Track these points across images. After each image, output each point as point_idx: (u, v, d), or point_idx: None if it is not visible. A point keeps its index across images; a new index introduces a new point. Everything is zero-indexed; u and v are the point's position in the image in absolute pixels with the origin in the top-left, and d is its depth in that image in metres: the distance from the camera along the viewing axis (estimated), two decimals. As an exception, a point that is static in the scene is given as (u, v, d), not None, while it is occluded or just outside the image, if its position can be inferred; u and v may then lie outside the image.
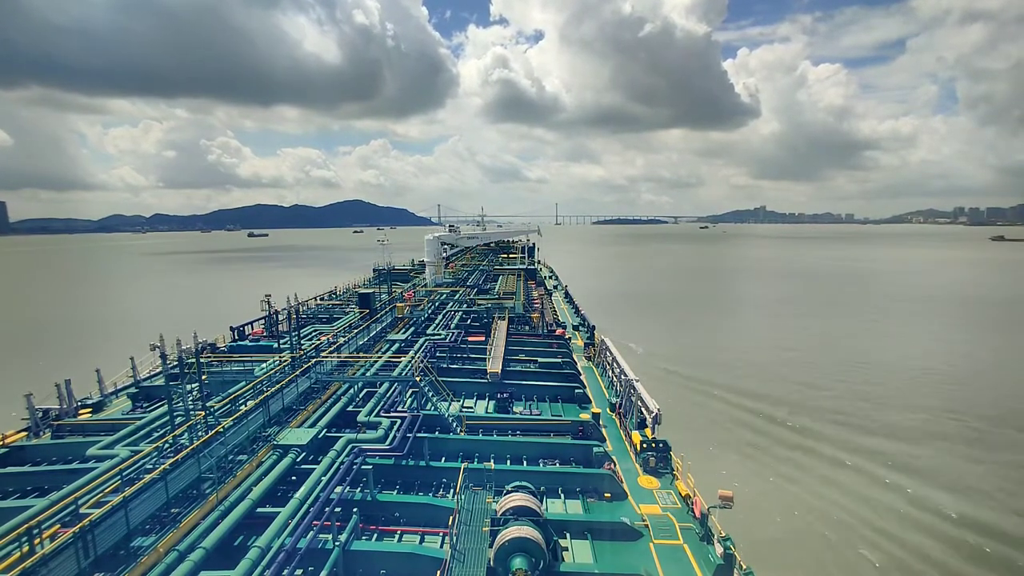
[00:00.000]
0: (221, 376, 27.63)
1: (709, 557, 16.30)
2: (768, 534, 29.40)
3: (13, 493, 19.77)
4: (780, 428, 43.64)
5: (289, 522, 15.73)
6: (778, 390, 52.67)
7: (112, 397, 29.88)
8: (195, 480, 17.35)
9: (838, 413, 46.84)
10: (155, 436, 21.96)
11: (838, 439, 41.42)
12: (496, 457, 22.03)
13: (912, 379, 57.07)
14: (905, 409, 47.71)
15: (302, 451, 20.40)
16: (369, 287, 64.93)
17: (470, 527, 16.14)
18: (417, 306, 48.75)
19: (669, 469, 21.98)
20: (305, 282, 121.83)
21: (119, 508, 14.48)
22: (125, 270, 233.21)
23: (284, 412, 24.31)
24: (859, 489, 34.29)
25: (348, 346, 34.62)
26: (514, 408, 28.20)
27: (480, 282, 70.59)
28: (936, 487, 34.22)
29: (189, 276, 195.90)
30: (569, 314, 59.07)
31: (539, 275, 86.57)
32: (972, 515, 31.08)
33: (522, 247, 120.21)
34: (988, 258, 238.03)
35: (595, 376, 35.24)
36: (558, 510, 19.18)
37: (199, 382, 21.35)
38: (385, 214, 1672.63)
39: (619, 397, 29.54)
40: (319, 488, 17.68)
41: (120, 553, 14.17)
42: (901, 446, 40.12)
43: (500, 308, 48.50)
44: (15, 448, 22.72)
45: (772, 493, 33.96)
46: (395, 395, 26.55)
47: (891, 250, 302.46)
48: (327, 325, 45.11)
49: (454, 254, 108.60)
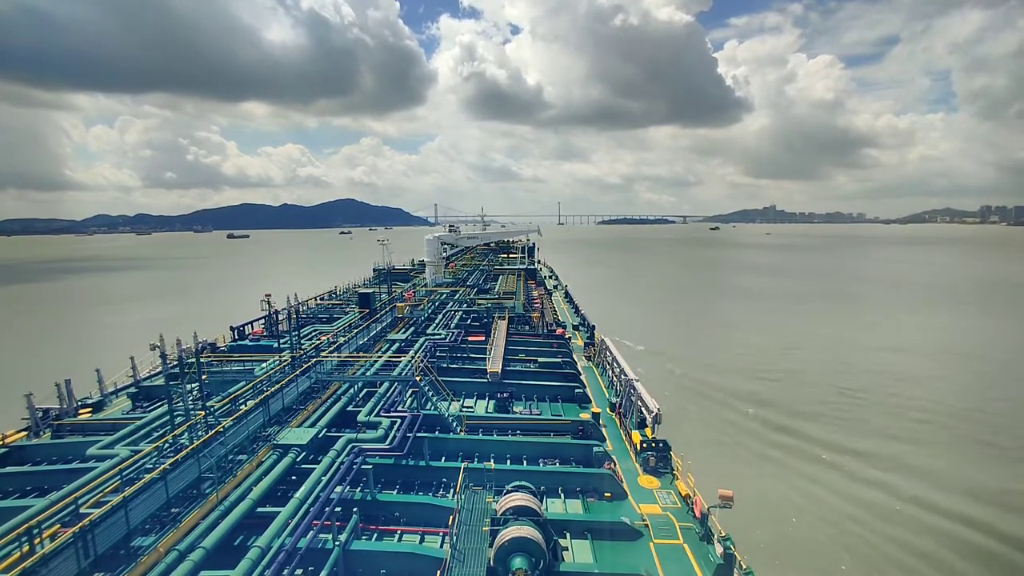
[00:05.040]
0: (221, 376, 27.63)
1: (709, 557, 16.30)
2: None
3: (13, 493, 19.77)
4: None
5: (289, 522, 15.72)
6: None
7: (112, 397, 29.90)
8: (195, 480, 17.35)
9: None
10: (155, 436, 21.95)
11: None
12: (496, 457, 22.03)
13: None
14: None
15: (302, 451, 20.39)
16: (369, 287, 64.98)
17: (470, 527, 16.12)
18: (417, 306, 48.75)
19: (669, 469, 21.98)
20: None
21: (119, 508, 14.46)
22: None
23: (284, 412, 24.32)
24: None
25: (348, 346, 34.62)
26: (514, 408, 28.20)
27: (480, 282, 70.58)
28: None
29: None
30: (569, 314, 59.08)
31: (539, 275, 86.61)
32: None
33: (522, 247, 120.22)
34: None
35: (595, 376, 35.24)
36: (558, 510, 19.17)
37: (199, 382, 21.33)
38: (380, 213, 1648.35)
39: (619, 397, 29.54)
40: (319, 488, 17.67)
41: (120, 553, 14.17)
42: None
43: (500, 308, 48.51)
44: (15, 448, 22.71)
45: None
46: (395, 395, 26.54)
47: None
48: (327, 325, 45.09)
49: (454, 254, 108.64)
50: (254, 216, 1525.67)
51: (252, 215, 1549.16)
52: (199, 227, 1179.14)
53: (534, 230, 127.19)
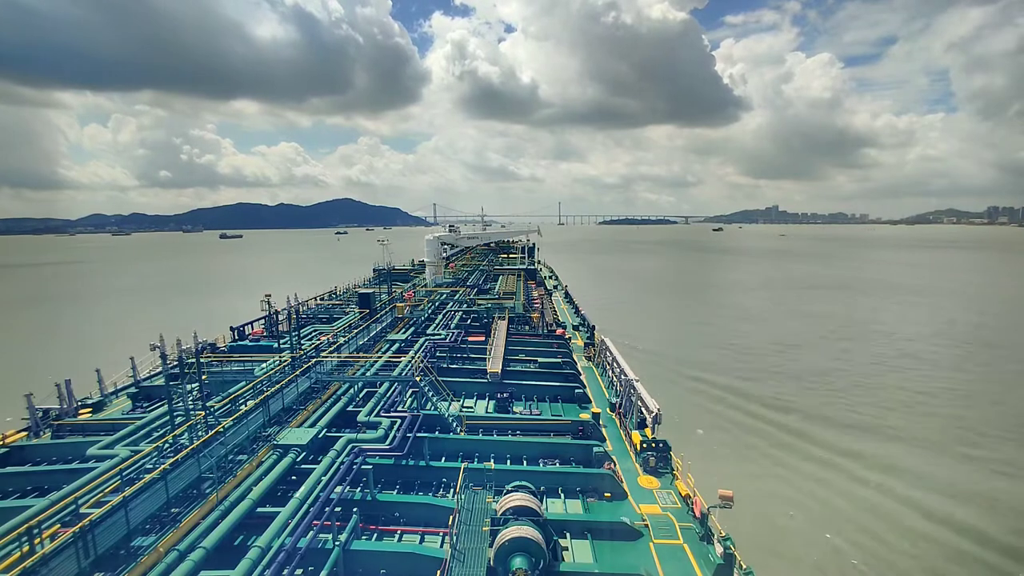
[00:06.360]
0: (221, 376, 27.64)
1: (709, 557, 16.30)
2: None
3: (13, 493, 19.77)
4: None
5: (289, 522, 15.72)
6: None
7: (112, 397, 29.91)
8: (195, 480, 17.35)
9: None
10: (155, 436, 21.96)
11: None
12: (496, 457, 22.04)
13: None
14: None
15: (302, 451, 20.39)
16: (369, 287, 64.99)
17: (470, 527, 16.12)
18: (417, 306, 48.78)
19: (669, 469, 21.98)
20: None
21: (119, 508, 14.48)
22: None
23: (284, 412, 24.32)
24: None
25: (348, 346, 34.63)
26: (514, 408, 28.19)
27: (480, 282, 70.58)
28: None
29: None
30: (569, 314, 59.08)
31: (539, 275, 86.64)
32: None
33: (522, 247, 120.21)
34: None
35: (595, 376, 35.24)
36: (558, 510, 19.17)
37: (199, 382, 21.33)
38: (378, 213, 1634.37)
39: (619, 397, 29.53)
40: (319, 488, 17.68)
41: (120, 553, 14.17)
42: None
43: (500, 308, 48.52)
44: (15, 448, 22.71)
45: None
46: (395, 395, 26.55)
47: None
48: (327, 325, 45.11)
49: (454, 254, 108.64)
50: (251, 216, 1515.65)
51: (249, 215, 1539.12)
52: (188, 227, 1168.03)
53: (534, 230, 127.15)
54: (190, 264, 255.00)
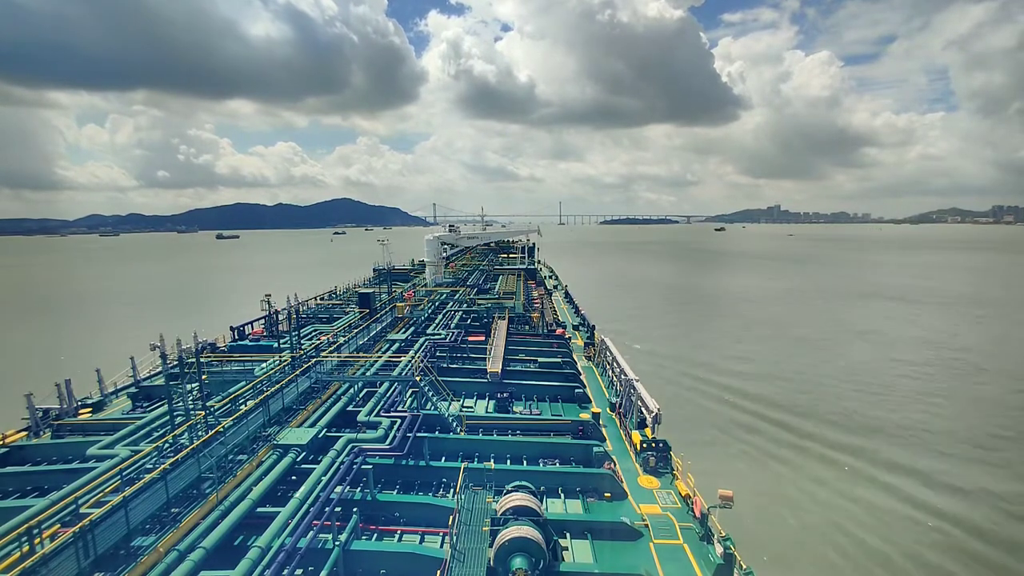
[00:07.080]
0: (221, 376, 27.64)
1: (709, 557, 16.30)
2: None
3: (13, 493, 19.76)
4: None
5: (289, 522, 15.72)
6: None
7: (112, 397, 29.90)
8: (195, 480, 17.34)
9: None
10: (155, 436, 21.96)
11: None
12: (496, 457, 22.05)
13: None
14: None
15: (302, 451, 20.39)
16: (369, 287, 64.97)
17: (470, 527, 16.11)
18: (417, 306, 48.78)
19: (669, 469, 21.98)
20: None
21: (119, 508, 14.47)
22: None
23: (284, 412, 24.31)
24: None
25: (348, 346, 34.63)
26: (514, 408, 28.19)
27: (480, 282, 70.56)
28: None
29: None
30: (569, 314, 59.08)
31: (539, 275, 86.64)
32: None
33: (522, 247, 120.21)
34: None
35: (595, 376, 35.24)
36: (558, 510, 19.17)
37: (199, 382, 21.33)
38: (377, 213, 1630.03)
39: (619, 397, 29.53)
40: (319, 488, 17.67)
41: (120, 553, 14.16)
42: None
43: (500, 308, 48.53)
44: (15, 448, 22.71)
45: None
46: (395, 395, 26.55)
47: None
48: (327, 325, 45.11)
49: (454, 254, 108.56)
50: (250, 216, 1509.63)
51: (248, 215, 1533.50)
52: (183, 227, 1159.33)
53: (534, 230, 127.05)
54: (144, 271, 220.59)
